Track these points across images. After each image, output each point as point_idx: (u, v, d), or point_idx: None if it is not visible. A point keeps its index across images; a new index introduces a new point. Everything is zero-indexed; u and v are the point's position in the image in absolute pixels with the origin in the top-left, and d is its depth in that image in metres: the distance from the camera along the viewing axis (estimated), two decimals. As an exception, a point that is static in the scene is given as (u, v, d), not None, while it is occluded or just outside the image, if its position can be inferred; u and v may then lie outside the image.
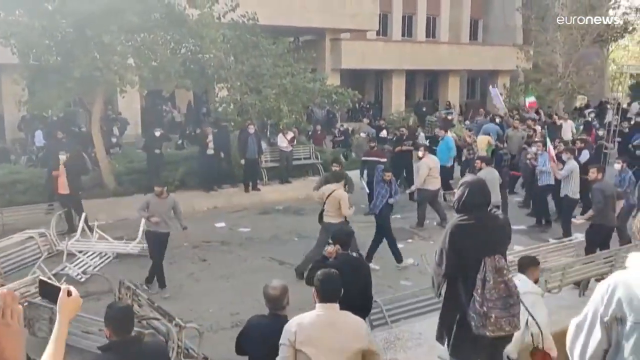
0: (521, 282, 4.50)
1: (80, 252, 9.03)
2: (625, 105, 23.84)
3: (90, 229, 9.78)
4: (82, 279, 8.30)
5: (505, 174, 11.81)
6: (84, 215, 9.87)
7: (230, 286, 8.34)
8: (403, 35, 27.69)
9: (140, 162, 13.79)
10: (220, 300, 7.90)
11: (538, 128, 15.73)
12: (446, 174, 12.56)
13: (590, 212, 8.59)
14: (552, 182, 10.88)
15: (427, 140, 15.72)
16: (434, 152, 12.81)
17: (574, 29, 21.34)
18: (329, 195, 8.45)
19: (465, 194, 3.89)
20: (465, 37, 29.62)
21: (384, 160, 12.53)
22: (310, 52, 17.86)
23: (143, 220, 9.66)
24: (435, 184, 11.33)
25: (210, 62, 13.82)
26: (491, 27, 30.15)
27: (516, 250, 7.93)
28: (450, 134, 14.23)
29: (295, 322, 3.47)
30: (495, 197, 9.61)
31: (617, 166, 9.97)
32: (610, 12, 24.43)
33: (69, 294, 2.19)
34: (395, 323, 6.25)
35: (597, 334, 2.42)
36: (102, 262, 9.01)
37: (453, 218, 4.00)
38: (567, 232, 10.16)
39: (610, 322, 2.38)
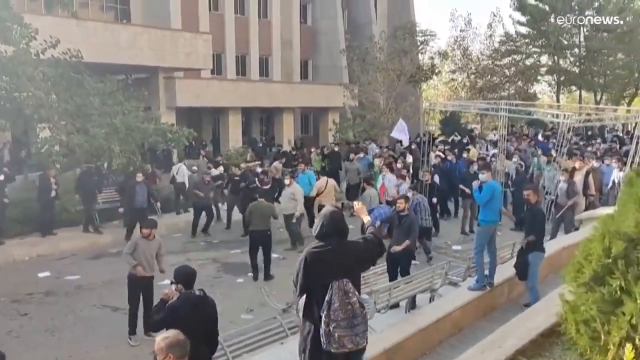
0: None
1: None
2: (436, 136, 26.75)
3: None
4: None
5: None
6: None
7: (57, 340, 7.74)
8: (237, 74, 28.28)
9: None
10: (44, 356, 7.31)
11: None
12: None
13: (407, 242, 8.65)
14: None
15: None
16: None
17: (390, 70, 23.68)
18: (325, 185, 12.96)
19: (321, 225, 4.19)
20: (296, 76, 31.11)
21: None
22: (142, 90, 17.42)
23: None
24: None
25: (28, 101, 12.86)
26: (320, 67, 32.05)
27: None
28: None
29: None
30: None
31: (410, 195, 11.16)
32: (420, 56, 27.64)
33: None
34: (237, 359, 6.30)
35: None
36: None
37: (308, 246, 4.27)
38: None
39: None
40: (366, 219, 4.68)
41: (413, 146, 20.68)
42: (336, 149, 20.39)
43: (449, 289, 8.54)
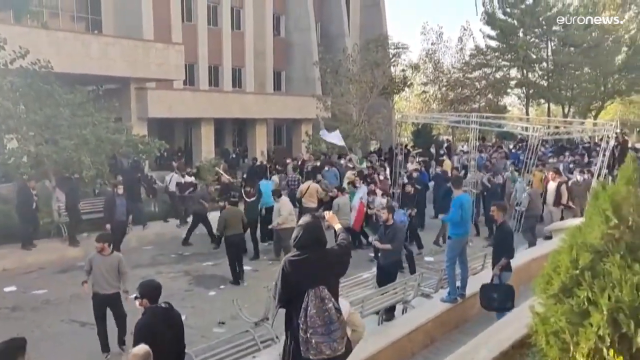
0: None
1: None
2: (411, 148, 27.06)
3: None
4: None
5: None
6: None
7: (23, 357, 7.51)
8: (210, 85, 28.15)
9: None
10: (11, 374, 7.08)
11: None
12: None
13: (388, 245, 9.00)
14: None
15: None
16: None
17: (363, 82, 23.86)
18: (307, 188, 13.90)
19: (300, 234, 4.27)
20: (269, 87, 31.13)
21: None
22: (112, 101, 17.20)
23: None
24: (293, 222, 12.35)
25: (-5, 112, 12.59)
26: (293, 79, 32.13)
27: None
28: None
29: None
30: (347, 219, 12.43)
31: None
32: (392, 68, 27.95)
33: None
34: (208, 374, 6.23)
35: None
36: None
37: (287, 255, 4.35)
38: None
39: None
40: (337, 226, 4.78)
41: (400, 157, 20.82)
42: (317, 163, 20.42)
43: (422, 300, 8.59)
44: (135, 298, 5.07)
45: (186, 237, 14.06)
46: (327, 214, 5.03)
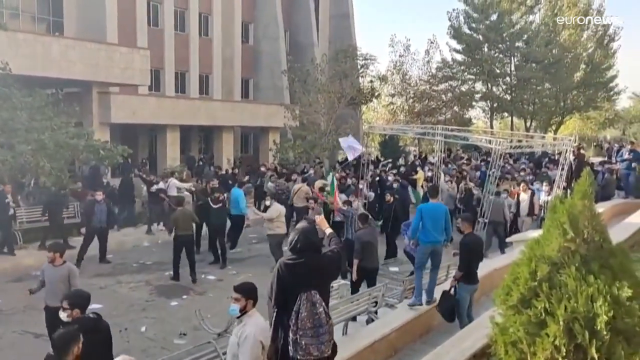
0: None
1: None
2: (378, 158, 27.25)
3: None
4: None
5: None
6: None
7: (-28, 370, 7.23)
8: (176, 91, 27.82)
9: None
10: (-41, 388, 6.81)
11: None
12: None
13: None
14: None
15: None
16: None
17: (331, 92, 23.97)
18: (297, 190, 15.35)
19: (296, 239, 4.42)
20: (237, 95, 30.95)
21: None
22: (73, 105, 16.79)
23: None
24: (283, 228, 12.24)
25: (-51, 115, 12.17)
26: (261, 87, 32.04)
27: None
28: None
29: (258, 333, 4.23)
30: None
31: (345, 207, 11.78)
32: (360, 79, 28.16)
33: None
34: (166, 386, 6.08)
35: None
36: None
37: (282, 257, 4.52)
38: None
39: None
40: (328, 231, 5.00)
41: (377, 170, 20.96)
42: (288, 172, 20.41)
43: (386, 310, 8.60)
44: (64, 310, 4.96)
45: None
46: (318, 218, 5.26)
